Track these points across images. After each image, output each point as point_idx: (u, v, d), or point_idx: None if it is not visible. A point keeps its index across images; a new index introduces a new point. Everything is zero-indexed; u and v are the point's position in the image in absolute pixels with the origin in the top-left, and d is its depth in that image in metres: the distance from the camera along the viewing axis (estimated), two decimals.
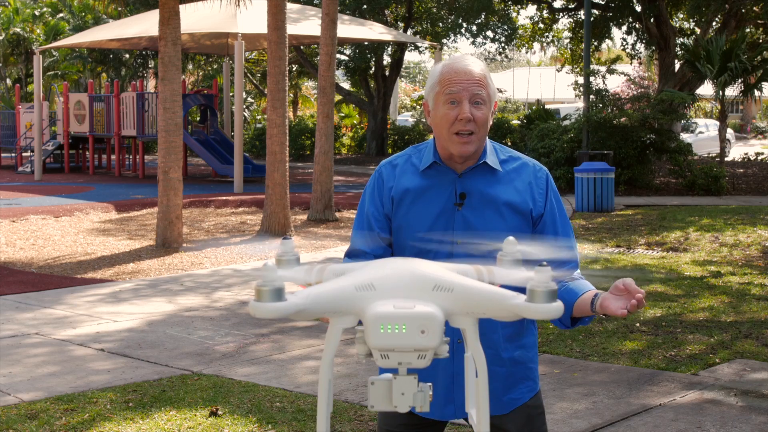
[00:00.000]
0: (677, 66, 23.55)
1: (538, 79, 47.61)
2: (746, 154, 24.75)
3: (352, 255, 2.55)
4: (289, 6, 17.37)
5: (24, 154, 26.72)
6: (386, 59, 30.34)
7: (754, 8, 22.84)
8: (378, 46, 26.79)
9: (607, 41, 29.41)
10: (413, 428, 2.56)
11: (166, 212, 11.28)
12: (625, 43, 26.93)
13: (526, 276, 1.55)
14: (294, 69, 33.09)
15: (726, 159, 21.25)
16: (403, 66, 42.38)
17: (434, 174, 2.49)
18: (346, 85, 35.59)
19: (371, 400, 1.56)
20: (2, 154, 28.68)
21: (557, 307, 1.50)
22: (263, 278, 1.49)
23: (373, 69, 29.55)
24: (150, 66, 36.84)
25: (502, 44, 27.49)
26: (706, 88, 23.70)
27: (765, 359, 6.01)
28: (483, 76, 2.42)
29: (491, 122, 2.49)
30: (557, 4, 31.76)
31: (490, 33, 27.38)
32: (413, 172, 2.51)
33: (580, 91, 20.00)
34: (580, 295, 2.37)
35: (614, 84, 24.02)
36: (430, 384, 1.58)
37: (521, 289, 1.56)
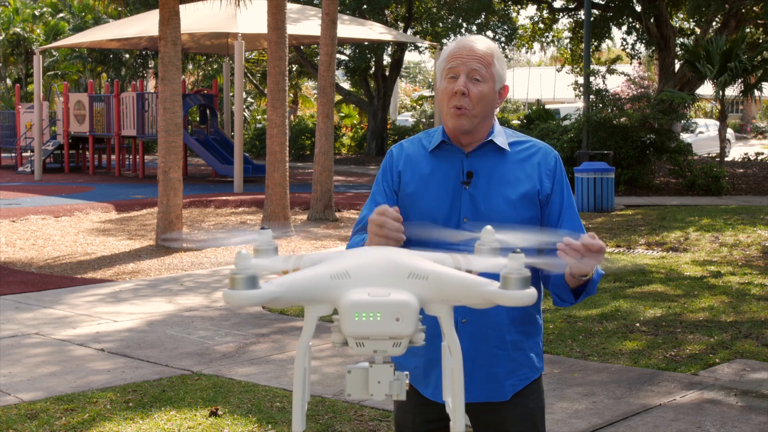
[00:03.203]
0: (677, 66, 23.55)
1: (538, 79, 47.63)
2: (746, 154, 24.75)
3: (358, 230, 2.53)
4: (289, 6, 17.37)
5: (24, 154, 26.72)
6: (386, 59, 30.35)
7: (754, 8, 22.84)
8: (378, 46, 26.79)
9: (607, 41, 29.42)
10: (425, 424, 2.55)
11: (166, 212, 11.29)
12: (625, 43, 26.94)
13: (501, 263, 1.55)
14: (294, 69, 33.10)
15: (726, 159, 21.25)
16: (403, 66, 42.40)
17: (442, 154, 2.51)
18: (346, 85, 35.60)
19: (348, 388, 1.57)
20: (2, 154, 28.68)
21: (530, 294, 1.50)
22: (237, 266, 1.49)
23: (373, 69, 29.55)
24: (150, 66, 36.84)
25: (502, 44, 27.49)
26: (706, 88, 23.70)
27: (765, 359, 6.01)
28: (487, 54, 2.43)
29: (498, 107, 2.49)
30: (557, 4, 31.78)
31: (490, 33, 27.37)
32: (423, 153, 2.53)
33: (580, 91, 20.00)
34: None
35: (614, 84, 24.02)
36: (406, 373, 1.58)
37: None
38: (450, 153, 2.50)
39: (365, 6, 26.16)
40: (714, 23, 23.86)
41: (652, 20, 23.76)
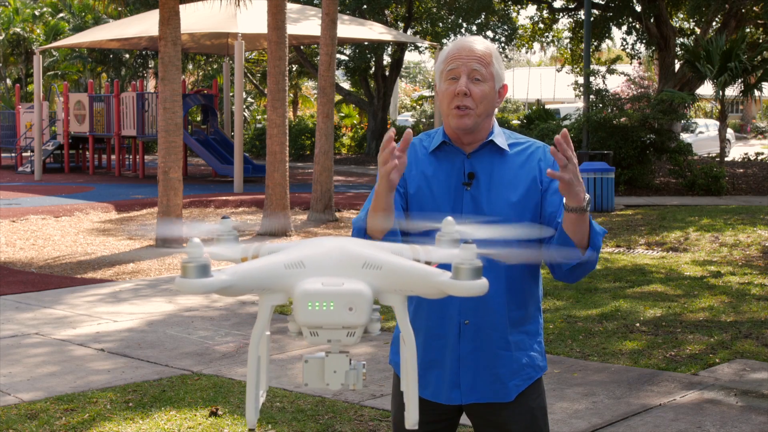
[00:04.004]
0: (677, 66, 23.55)
1: (538, 79, 47.64)
2: (746, 154, 24.75)
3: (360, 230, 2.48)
4: (289, 6, 17.37)
5: (24, 154, 26.71)
6: (386, 59, 30.34)
7: (754, 8, 22.84)
8: (378, 46, 26.79)
9: (607, 41, 29.41)
10: (424, 426, 2.55)
11: (166, 212, 11.28)
12: (625, 43, 26.94)
13: (456, 253, 1.55)
14: (294, 69, 33.09)
15: (726, 159, 21.25)
16: (403, 66, 42.39)
17: (443, 155, 2.52)
18: (346, 85, 35.59)
19: (305, 378, 1.58)
20: (2, 154, 28.68)
21: (482, 284, 1.50)
22: (189, 255, 1.48)
23: (373, 69, 29.55)
24: (150, 66, 36.84)
25: (502, 44, 27.49)
26: (706, 88, 23.69)
27: (765, 359, 6.01)
28: (486, 54, 2.44)
29: (498, 106, 2.50)
30: (557, 4, 31.77)
31: (490, 33, 27.38)
32: (424, 154, 2.53)
33: (580, 91, 20.00)
34: (562, 222, 2.36)
35: (614, 84, 24.01)
36: (363, 363, 1.58)
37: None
38: (451, 154, 2.51)
39: (365, 6, 26.16)
40: (714, 23, 23.85)
41: (652, 20, 23.75)
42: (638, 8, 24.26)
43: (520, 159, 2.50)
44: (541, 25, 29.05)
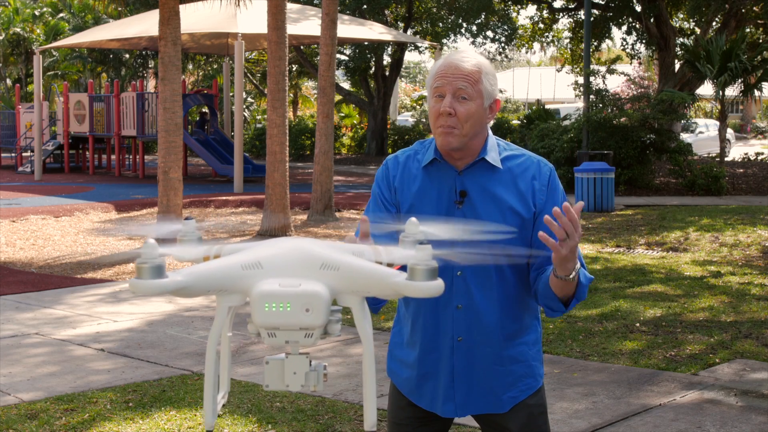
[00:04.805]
0: (677, 66, 23.55)
1: (538, 79, 47.63)
2: (746, 154, 24.75)
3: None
4: (289, 6, 17.37)
5: (24, 154, 26.72)
6: (386, 59, 30.34)
7: (754, 8, 22.84)
8: (378, 46, 26.79)
9: (607, 41, 29.41)
10: (419, 421, 2.58)
11: (166, 212, 11.29)
12: (625, 43, 26.94)
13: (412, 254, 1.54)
14: (294, 69, 33.09)
15: (726, 159, 21.25)
16: (403, 66, 42.38)
17: (435, 171, 2.47)
18: (346, 85, 35.59)
19: (266, 379, 1.57)
20: (2, 154, 28.68)
21: (437, 285, 1.49)
22: (143, 255, 1.47)
23: (373, 69, 29.54)
24: (150, 66, 36.84)
25: (502, 44, 27.50)
26: (706, 88, 23.70)
27: (765, 359, 6.01)
28: (474, 71, 2.37)
29: (490, 121, 2.45)
30: (557, 4, 31.76)
31: (490, 33, 27.39)
32: (416, 168, 2.49)
33: (580, 91, 20.00)
34: (548, 274, 2.33)
35: (614, 84, 24.01)
36: (325, 364, 1.57)
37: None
38: (442, 171, 2.46)
39: (365, 6, 26.16)
40: (714, 23, 23.86)
41: (652, 20, 23.75)
42: (638, 8, 24.26)
43: (513, 174, 2.45)
44: (541, 25, 29.06)
